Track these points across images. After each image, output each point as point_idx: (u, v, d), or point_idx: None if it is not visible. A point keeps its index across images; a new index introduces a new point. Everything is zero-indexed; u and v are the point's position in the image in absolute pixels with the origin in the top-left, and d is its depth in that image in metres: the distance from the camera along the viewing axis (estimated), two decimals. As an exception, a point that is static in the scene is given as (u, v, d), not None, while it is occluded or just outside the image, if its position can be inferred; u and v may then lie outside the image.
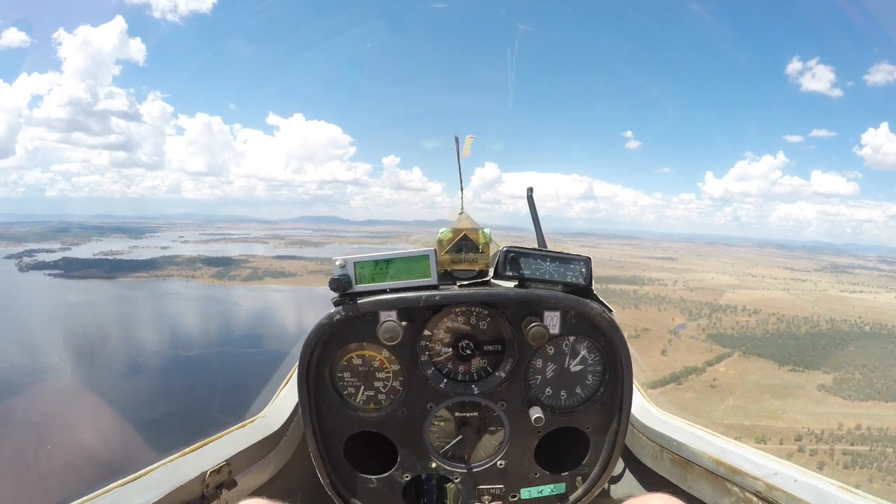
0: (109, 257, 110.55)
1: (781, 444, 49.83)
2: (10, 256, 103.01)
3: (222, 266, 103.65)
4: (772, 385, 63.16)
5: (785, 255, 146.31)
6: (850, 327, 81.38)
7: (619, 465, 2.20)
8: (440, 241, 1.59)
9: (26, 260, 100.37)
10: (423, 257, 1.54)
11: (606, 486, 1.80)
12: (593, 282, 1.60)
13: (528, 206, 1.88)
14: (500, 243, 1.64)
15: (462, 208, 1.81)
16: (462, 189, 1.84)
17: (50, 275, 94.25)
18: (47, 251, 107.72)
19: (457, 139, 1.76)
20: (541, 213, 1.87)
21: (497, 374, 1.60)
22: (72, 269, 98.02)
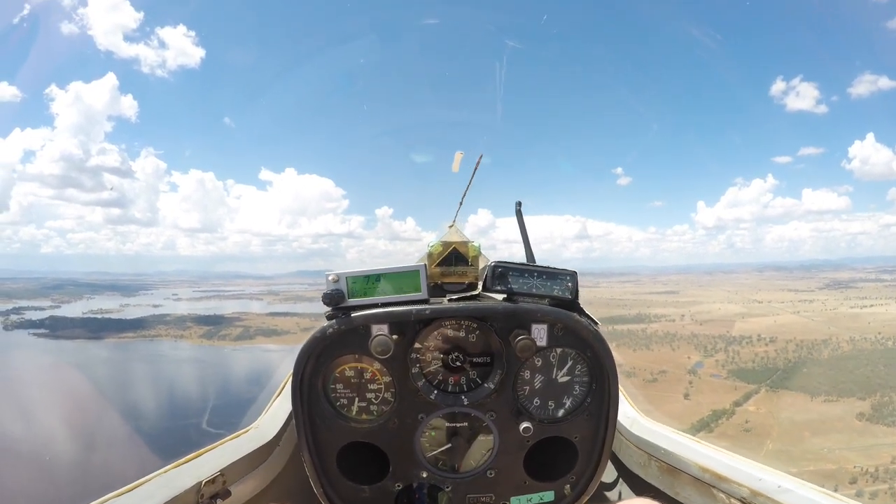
0: (98, 316, 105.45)
1: (836, 489, 44.35)
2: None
3: (213, 325, 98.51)
4: (808, 421, 58.65)
5: (784, 276, 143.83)
6: (873, 345, 77.60)
7: (608, 473, 2.22)
8: (430, 255, 1.67)
9: (13, 318, 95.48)
10: (414, 272, 1.60)
11: (595, 493, 1.79)
12: (579, 295, 1.64)
13: (516, 222, 1.90)
14: (489, 256, 1.73)
15: (454, 221, 1.90)
16: (461, 203, 1.97)
17: (34, 334, 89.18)
18: (36, 309, 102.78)
19: (480, 157, 1.94)
20: (536, 254, 1.88)
21: (486, 385, 1.64)
22: (58, 328, 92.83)
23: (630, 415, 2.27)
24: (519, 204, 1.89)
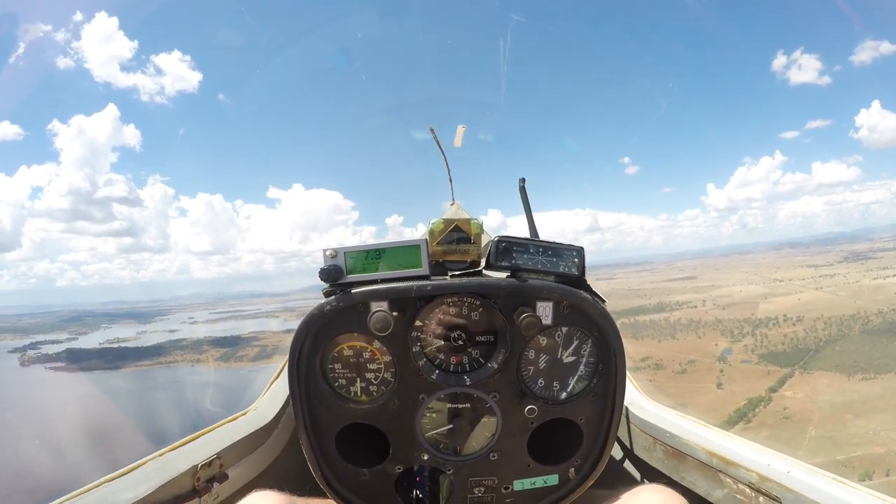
0: (114, 345, 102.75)
1: (888, 475, 42.47)
2: (14, 350, 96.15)
3: (229, 346, 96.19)
4: (849, 402, 56.32)
5: (801, 252, 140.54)
6: (902, 315, 75.04)
7: (613, 456, 2.13)
8: (431, 232, 1.59)
9: (30, 353, 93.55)
10: (415, 247, 1.53)
11: (600, 476, 1.72)
12: (586, 272, 1.59)
13: (520, 199, 1.86)
14: (492, 234, 1.64)
15: (452, 199, 1.83)
16: (451, 180, 1.90)
17: (51, 368, 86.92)
18: (53, 342, 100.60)
19: (432, 130, 1.89)
20: None
21: (489, 365, 1.57)
22: (74, 360, 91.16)
23: (634, 397, 2.21)
24: (522, 181, 1.83)
